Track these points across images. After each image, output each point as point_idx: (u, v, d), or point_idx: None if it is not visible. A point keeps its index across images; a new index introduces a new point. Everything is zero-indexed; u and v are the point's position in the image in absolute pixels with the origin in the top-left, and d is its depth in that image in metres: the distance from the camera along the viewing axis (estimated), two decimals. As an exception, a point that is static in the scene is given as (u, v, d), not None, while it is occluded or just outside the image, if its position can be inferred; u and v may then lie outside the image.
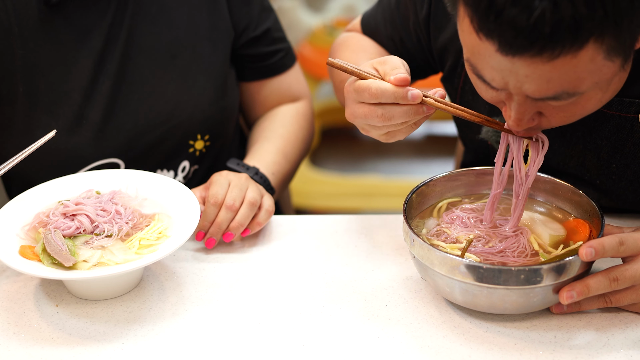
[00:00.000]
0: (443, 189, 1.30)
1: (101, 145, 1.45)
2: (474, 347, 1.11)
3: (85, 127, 1.44)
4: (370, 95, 1.13)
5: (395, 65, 1.14)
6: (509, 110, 1.08)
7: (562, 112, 1.07)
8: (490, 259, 1.16)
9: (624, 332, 1.13)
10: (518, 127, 1.09)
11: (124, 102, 1.46)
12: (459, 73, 1.40)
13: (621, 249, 1.10)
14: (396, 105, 1.13)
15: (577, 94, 1.02)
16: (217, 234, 1.33)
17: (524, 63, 0.98)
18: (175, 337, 1.15)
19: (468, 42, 1.04)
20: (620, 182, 1.30)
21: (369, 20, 1.56)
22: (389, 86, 1.12)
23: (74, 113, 1.43)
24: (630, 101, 1.23)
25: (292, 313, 1.19)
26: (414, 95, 1.11)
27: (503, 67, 1.00)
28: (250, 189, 1.36)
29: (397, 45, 1.50)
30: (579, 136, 1.30)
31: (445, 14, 1.38)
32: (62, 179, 1.35)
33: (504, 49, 0.98)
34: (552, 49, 0.95)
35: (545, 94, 1.02)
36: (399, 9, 1.47)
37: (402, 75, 1.12)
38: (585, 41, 0.95)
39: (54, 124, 1.42)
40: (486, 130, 1.35)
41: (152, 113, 1.48)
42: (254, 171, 1.47)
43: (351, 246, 1.35)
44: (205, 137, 1.55)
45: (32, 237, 1.24)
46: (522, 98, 1.05)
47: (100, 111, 1.44)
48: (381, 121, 1.14)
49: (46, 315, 1.19)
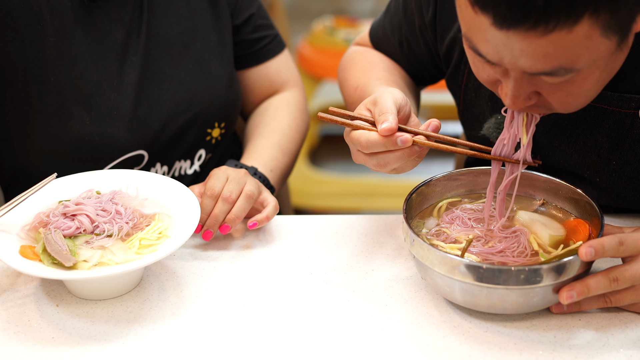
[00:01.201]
0: (443, 189, 1.30)
1: (132, 137, 1.47)
2: (474, 347, 1.12)
3: (117, 118, 1.45)
4: (362, 147, 1.17)
5: (382, 110, 1.17)
6: (505, 88, 1.09)
7: (560, 91, 1.07)
8: (490, 259, 1.16)
9: (624, 332, 1.13)
10: (514, 105, 1.09)
11: (147, 94, 1.48)
12: (463, 70, 1.40)
13: (621, 249, 1.10)
14: (389, 152, 1.16)
15: (574, 70, 1.02)
16: (213, 226, 1.33)
17: (518, 37, 0.98)
18: (175, 337, 1.15)
19: (464, 17, 1.05)
20: (620, 179, 1.31)
21: (377, 31, 1.57)
22: (377, 137, 1.15)
23: (105, 104, 1.44)
24: (630, 97, 1.23)
25: (292, 313, 1.19)
26: (403, 141, 1.14)
27: (498, 41, 1.01)
28: (248, 183, 1.37)
29: (406, 52, 1.50)
30: (579, 133, 1.30)
31: (451, 15, 1.38)
32: (62, 179, 1.35)
33: (499, 22, 0.98)
34: (546, 23, 0.95)
35: (541, 68, 1.02)
36: (406, 14, 1.47)
37: (387, 125, 1.14)
38: (580, 16, 0.95)
39: (87, 115, 1.43)
40: (487, 126, 1.35)
41: (173, 103, 1.51)
42: (253, 171, 1.47)
43: (351, 246, 1.35)
44: (221, 125, 1.59)
45: (32, 237, 1.24)
46: (518, 74, 1.05)
47: (129, 102, 1.46)
48: (379, 169, 1.18)
49: (46, 315, 1.19)
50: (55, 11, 1.39)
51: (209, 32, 1.56)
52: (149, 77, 1.49)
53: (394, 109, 1.17)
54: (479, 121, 1.40)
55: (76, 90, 1.42)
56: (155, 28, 1.49)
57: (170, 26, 1.51)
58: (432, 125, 1.18)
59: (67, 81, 1.41)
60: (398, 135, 1.14)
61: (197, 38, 1.54)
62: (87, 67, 1.43)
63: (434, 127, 1.18)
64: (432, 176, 1.28)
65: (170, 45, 1.51)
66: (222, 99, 1.57)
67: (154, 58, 1.49)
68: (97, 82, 1.44)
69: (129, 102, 1.46)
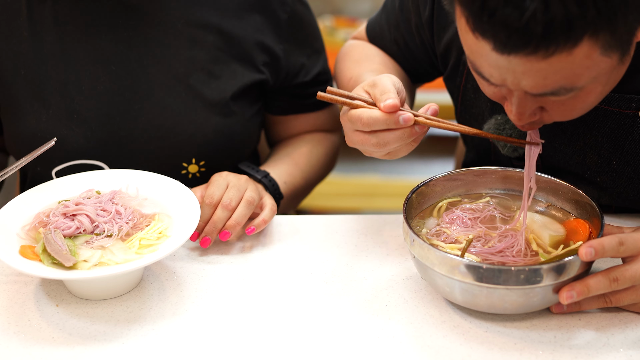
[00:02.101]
0: (443, 188, 1.30)
1: (88, 144, 1.43)
2: (474, 347, 1.12)
3: (76, 122, 1.43)
4: (363, 125, 1.15)
5: (384, 90, 1.16)
6: (510, 106, 1.09)
7: (563, 106, 1.07)
8: (490, 259, 1.16)
9: (624, 332, 1.13)
10: (520, 121, 1.10)
11: (124, 107, 1.44)
12: (461, 71, 1.40)
13: (621, 249, 1.10)
14: (389, 130, 1.15)
15: (575, 89, 1.03)
16: (212, 233, 1.32)
17: (519, 61, 0.98)
18: (175, 337, 1.15)
19: (466, 41, 1.05)
20: (621, 179, 1.31)
21: (374, 26, 1.57)
22: (380, 114, 1.14)
23: (66, 105, 1.43)
24: (630, 97, 1.23)
25: (292, 313, 1.19)
26: (406, 119, 1.14)
27: (500, 65, 1.01)
28: (248, 189, 1.36)
29: (402, 49, 1.50)
30: (580, 133, 1.30)
31: (448, 14, 1.38)
32: (62, 179, 1.35)
33: (499, 48, 0.98)
34: (546, 48, 0.96)
35: (543, 89, 1.02)
36: (403, 12, 1.47)
37: (391, 101, 1.13)
38: (580, 39, 0.95)
39: (44, 112, 1.42)
40: (487, 127, 1.35)
41: (151, 126, 1.45)
42: (264, 174, 1.46)
43: (351, 246, 1.35)
44: (200, 163, 1.49)
45: (32, 237, 1.24)
46: (521, 94, 1.05)
47: (95, 110, 1.43)
48: (377, 148, 1.17)
49: (46, 315, 1.19)
50: (33, 7, 1.41)
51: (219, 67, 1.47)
52: (133, 93, 1.44)
53: (394, 90, 1.16)
54: (478, 122, 1.39)
55: (39, 86, 1.42)
56: (158, 46, 1.44)
57: (178, 49, 1.44)
58: (431, 109, 1.17)
59: (33, 77, 1.42)
60: (400, 114, 1.13)
61: (202, 71, 1.46)
62: (56, 67, 1.42)
63: (433, 110, 1.17)
64: (432, 176, 1.28)
65: (171, 67, 1.44)
66: (206, 138, 1.47)
67: (147, 75, 1.44)
68: (63, 82, 1.42)
69: (95, 109, 1.43)
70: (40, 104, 1.43)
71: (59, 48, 1.42)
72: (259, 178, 1.45)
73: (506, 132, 1.29)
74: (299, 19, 1.53)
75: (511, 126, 1.26)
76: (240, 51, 1.48)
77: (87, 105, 1.43)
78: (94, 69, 1.43)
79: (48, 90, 1.42)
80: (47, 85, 1.42)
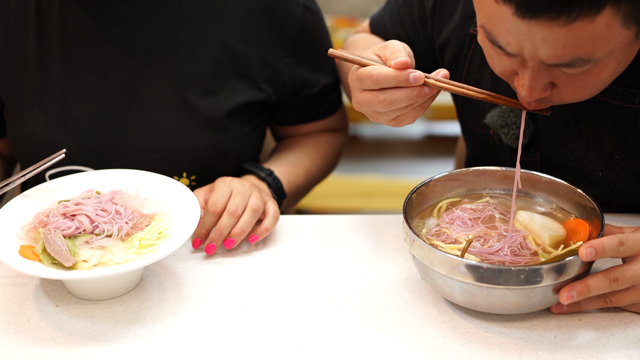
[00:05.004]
0: (443, 189, 1.30)
1: (80, 151, 1.43)
2: (474, 347, 1.11)
3: (71, 129, 1.43)
4: (372, 82, 1.14)
5: (395, 49, 1.15)
6: (522, 79, 1.08)
7: (575, 82, 1.07)
8: (490, 259, 1.16)
9: (624, 332, 1.13)
10: (530, 96, 1.09)
11: (119, 117, 1.43)
12: (462, 64, 1.40)
13: (621, 249, 1.10)
14: (398, 89, 1.13)
15: (591, 60, 1.02)
16: (217, 240, 1.32)
17: (540, 26, 0.98)
18: (175, 337, 1.15)
19: (484, 7, 1.04)
20: (623, 173, 1.31)
21: (377, 21, 1.57)
22: (390, 71, 1.13)
23: (63, 112, 1.43)
24: (635, 92, 1.23)
25: (292, 313, 1.19)
26: (416, 77, 1.12)
27: (519, 31, 1.00)
28: (253, 196, 1.35)
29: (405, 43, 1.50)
30: (582, 127, 1.30)
31: (451, 8, 1.38)
32: (62, 179, 1.35)
33: (522, 11, 0.98)
34: (569, 12, 0.95)
35: (560, 59, 1.02)
36: (406, 6, 1.48)
37: (403, 59, 1.12)
38: (603, 6, 0.95)
39: (42, 117, 1.43)
40: (491, 115, 1.34)
41: (143, 137, 1.44)
42: (268, 172, 1.46)
43: (351, 246, 1.35)
44: (191, 177, 1.48)
45: (32, 237, 1.24)
46: (536, 64, 1.04)
47: (91, 118, 1.43)
48: (385, 106, 1.14)
49: (46, 315, 1.19)
50: (42, 13, 1.41)
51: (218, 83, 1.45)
52: (130, 104, 1.43)
53: (405, 50, 1.15)
54: (478, 115, 1.40)
55: (40, 91, 1.43)
56: (159, 59, 1.42)
57: (179, 62, 1.43)
58: (442, 73, 1.16)
59: (35, 81, 1.43)
60: (410, 71, 1.12)
61: (200, 86, 1.44)
62: (58, 74, 1.42)
63: (444, 74, 1.16)
64: (432, 176, 1.28)
65: (169, 81, 1.43)
66: (198, 154, 1.45)
67: (145, 87, 1.43)
68: (63, 89, 1.42)
69: (91, 118, 1.43)
70: (39, 108, 1.43)
71: (62, 55, 1.42)
72: (262, 176, 1.45)
73: (510, 119, 1.29)
74: (308, 32, 1.51)
75: (515, 114, 1.26)
76: (241, 67, 1.46)
77: (84, 113, 1.43)
78: (94, 78, 1.43)
79: (48, 95, 1.43)
80: (47, 90, 1.43)
